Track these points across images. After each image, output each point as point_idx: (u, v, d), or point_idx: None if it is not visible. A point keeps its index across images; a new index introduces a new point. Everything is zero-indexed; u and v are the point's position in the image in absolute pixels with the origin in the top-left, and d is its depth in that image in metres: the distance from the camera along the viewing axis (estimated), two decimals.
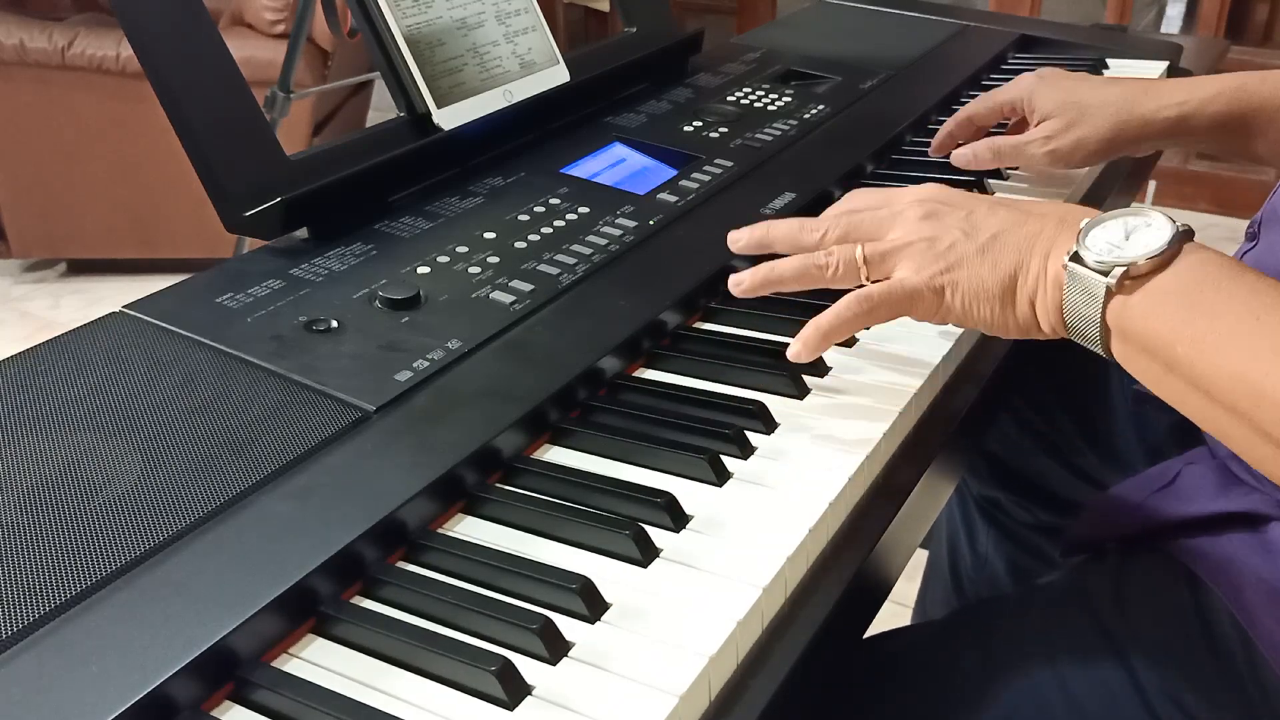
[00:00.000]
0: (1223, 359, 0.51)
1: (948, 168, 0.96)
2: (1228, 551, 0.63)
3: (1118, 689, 0.63)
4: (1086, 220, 0.57)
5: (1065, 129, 0.87)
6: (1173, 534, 0.67)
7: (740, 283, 0.64)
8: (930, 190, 0.63)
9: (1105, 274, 0.54)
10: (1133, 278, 0.54)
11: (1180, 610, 0.65)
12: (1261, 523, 0.63)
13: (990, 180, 0.94)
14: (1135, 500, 0.71)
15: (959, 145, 0.93)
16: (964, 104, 1.14)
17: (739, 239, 0.67)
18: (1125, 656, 0.64)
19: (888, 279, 0.61)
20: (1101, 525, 0.75)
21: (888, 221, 0.62)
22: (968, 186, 0.91)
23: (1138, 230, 0.55)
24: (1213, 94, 0.86)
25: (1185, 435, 0.80)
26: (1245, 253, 0.71)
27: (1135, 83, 0.90)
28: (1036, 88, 0.90)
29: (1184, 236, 0.54)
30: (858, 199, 0.66)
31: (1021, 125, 0.96)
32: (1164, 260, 0.53)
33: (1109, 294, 0.54)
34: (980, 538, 1.09)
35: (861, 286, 0.61)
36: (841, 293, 0.62)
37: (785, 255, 0.65)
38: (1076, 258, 0.55)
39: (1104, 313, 0.55)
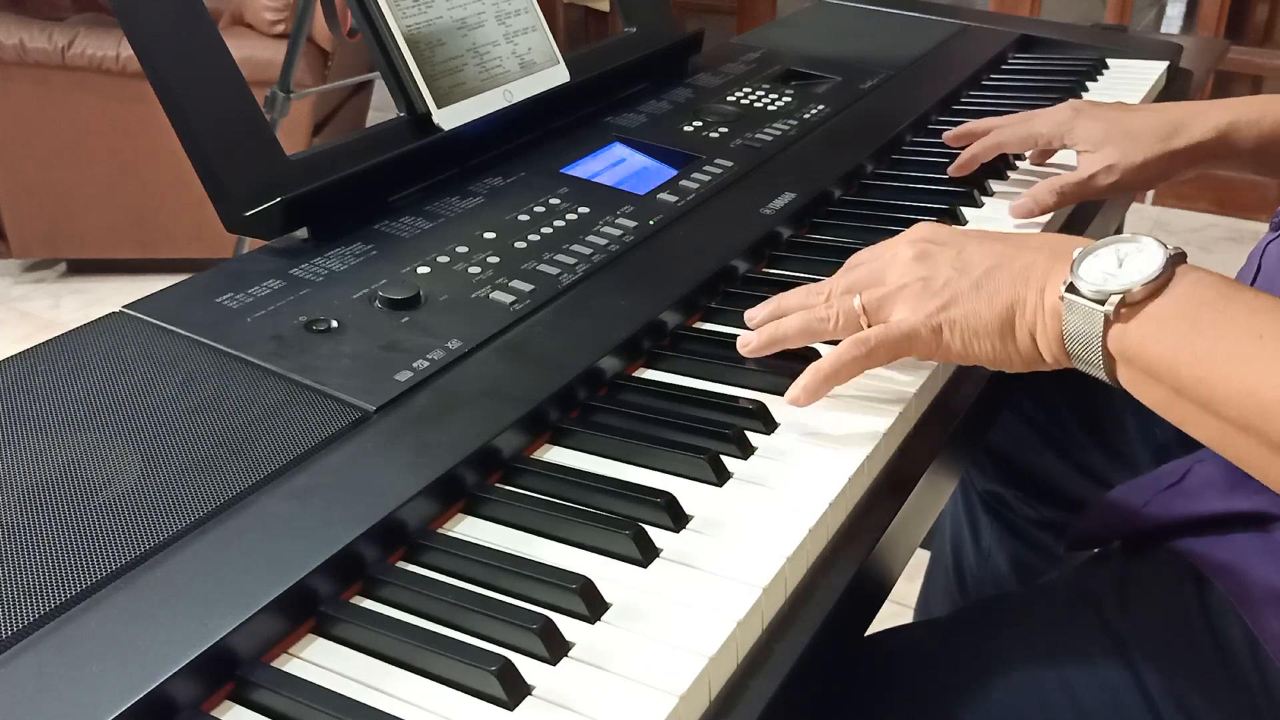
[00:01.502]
0: (1230, 378, 0.51)
1: (946, 168, 0.96)
2: (1234, 551, 0.63)
3: (1121, 688, 0.63)
4: (1079, 250, 0.57)
5: (1123, 158, 0.87)
6: (1179, 533, 0.67)
7: (748, 343, 0.66)
8: (921, 230, 0.64)
9: (1102, 302, 0.54)
10: (1129, 304, 0.54)
11: (1186, 610, 0.65)
12: (1269, 523, 0.63)
13: (984, 192, 0.94)
14: (1142, 498, 0.71)
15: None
16: (964, 104, 1.14)
17: (755, 315, 0.68)
18: (1129, 656, 0.64)
19: (880, 325, 0.62)
20: (1107, 523, 0.75)
21: (883, 269, 0.64)
22: (967, 189, 0.91)
23: (1130, 257, 0.56)
24: (1260, 112, 0.86)
25: None
26: (1269, 243, 0.71)
27: (1177, 107, 0.90)
28: (1076, 121, 0.89)
29: (1176, 260, 0.55)
30: (857, 256, 0.67)
31: (1044, 155, 0.97)
32: (1159, 285, 0.54)
33: (1108, 322, 0.55)
34: (984, 533, 1.09)
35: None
36: None
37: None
38: (1072, 288, 0.56)
39: (1105, 340, 0.55)
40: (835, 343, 0.63)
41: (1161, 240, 0.56)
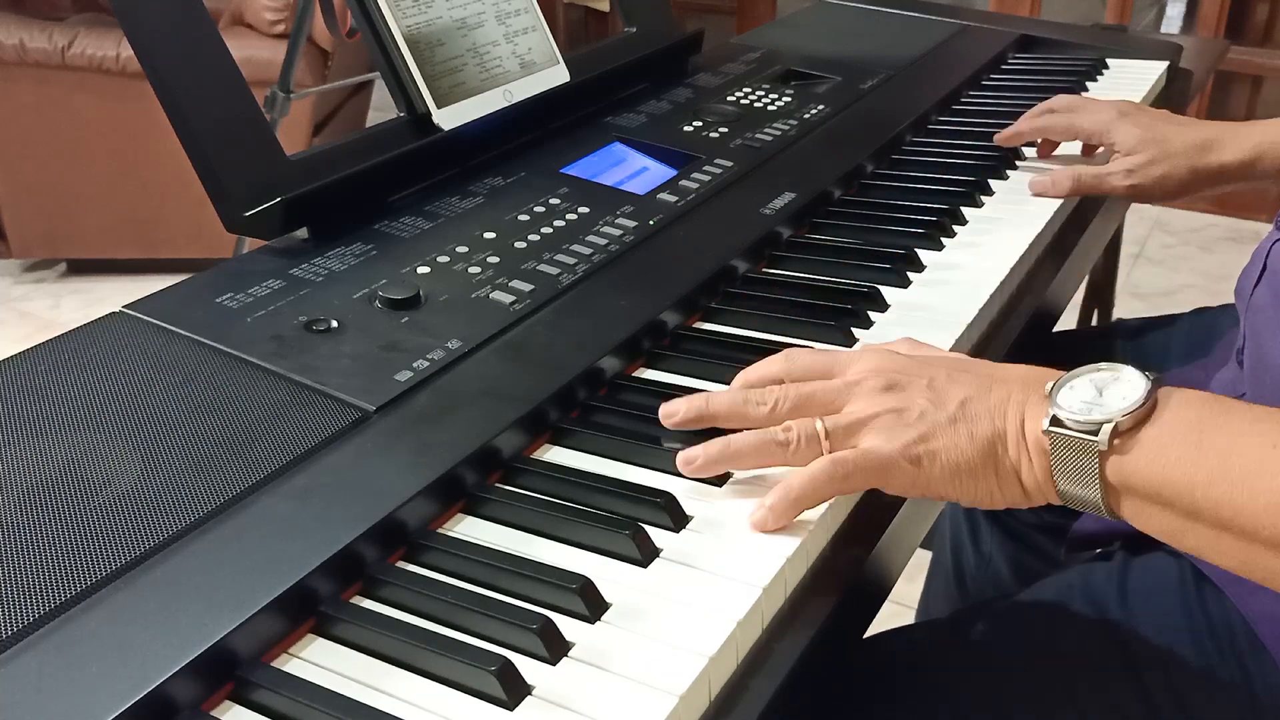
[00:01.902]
0: (1253, 493, 0.48)
1: (946, 168, 0.96)
2: None
3: (1122, 689, 0.63)
4: (1050, 384, 0.55)
5: (1148, 165, 0.90)
6: None
7: (692, 460, 0.57)
8: (881, 359, 0.59)
9: (1094, 434, 0.52)
10: (1122, 433, 0.52)
11: (1186, 610, 0.65)
12: None
13: (987, 183, 0.94)
14: None
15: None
16: (964, 104, 1.14)
17: (674, 413, 0.60)
18: (1130, 655, 0.64)
19: (855, 449, 0.57)
20: (1107, 525, 0.75)
21: (843, 394, 0.58)
22: (969, 181, 0.91)
23: (1109, 385, 0.53)
24: None
25: None
26: (1275, 243, 0.71)
27: (1212, 127, 0.92)
28: (1117, 123, 0.93)
29: (1157, 383, 0.53)
30: (799, 361, 0.61)
31: (1089, 149, 1.00)
32: (1146, 411, 0.52)
33: (1102, 454, 0.52)
34: (984, 536, 1.09)
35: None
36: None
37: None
38: (1056, 421, 0.53)
39: (1103, 472, 0.52)
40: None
41: (1137, 366, 0.54)
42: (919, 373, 0.58)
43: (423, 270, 0.72)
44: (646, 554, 0.52)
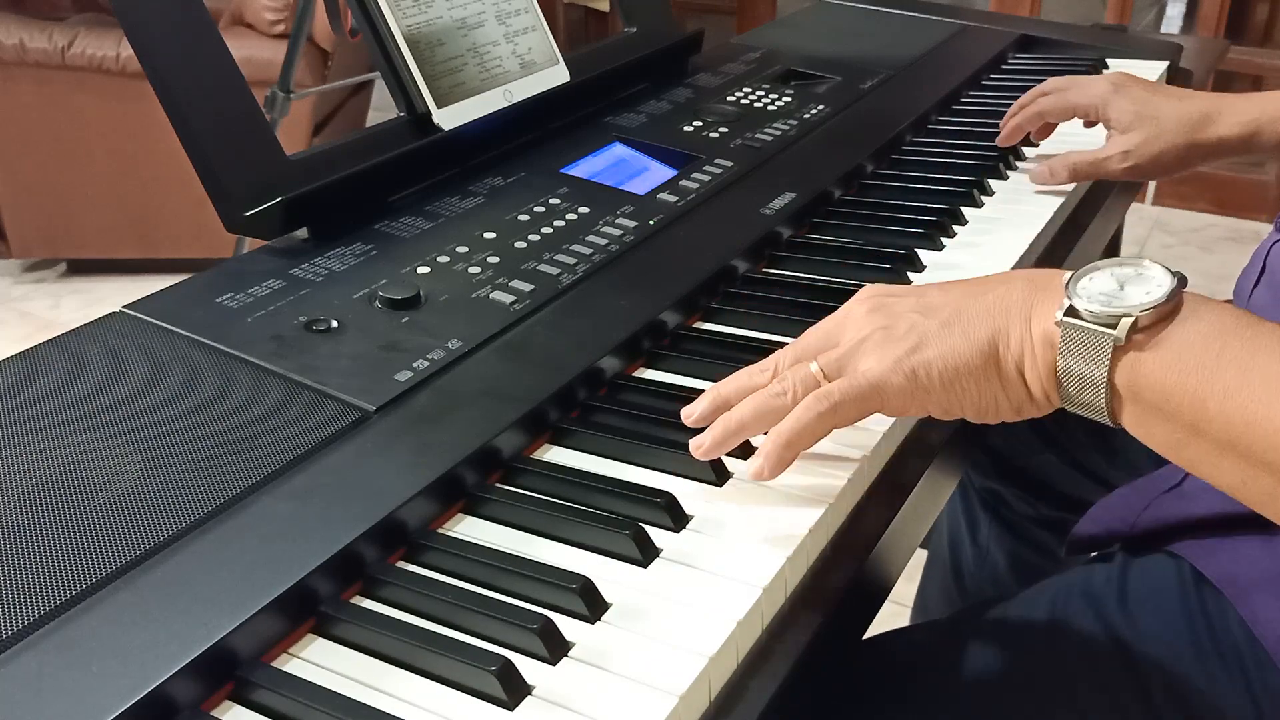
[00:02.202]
0: (1265, 412, 0.46)
1: (946, 169, 0.96)
2: (1235, 553, 0.63)
3: (1122, 690, 0.63)
4: (1069, 274, 0.52)
5: (1144, 144, 0.89)
6: (1180, 534, 0.67)
7: (700, 445, 0.57)
8: (870, 290, 0.59)
9: (1111, 327, 0.49)
10: (1142, 329, 0.49)
11: (1186, 611, 0.65)
12: (1268, 525, 0.63)
13: (986, 182, 0.94)
14: (1142, 501, 0.71)
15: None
16: (964, 104, 1.14)
17: (692, 412, 0.59)
18: (1130, 656, 0.64)
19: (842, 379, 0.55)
20: (1107, 526, 0.75)
21: (835, 330, 0.58)
22: (969, 181, 0.91)
23: (1131, 280, 0.51)
24: None
25: None
26: (1275, 244, 0.71)
27: (1208, 99, 0.91)
28: (1112, 98, 0.92)
29: (1183, 283, 0.50)
30: (802, 337, 0.60)
31: (1089, 123, 1.00)
32: (1169, 310, 0.49)
33: (1116, 349, 0.49)
34: (982, 530, 1.09)
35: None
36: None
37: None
38: (1072, 312, 0.50)
39: (1112, 371, 0.49)
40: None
41: (1163, 264, 0.51)
42: (907, 292, 0.57)
43: (423, 270, 0.72)
44: (646, 554, 0.52)
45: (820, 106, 1.05)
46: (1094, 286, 0.51)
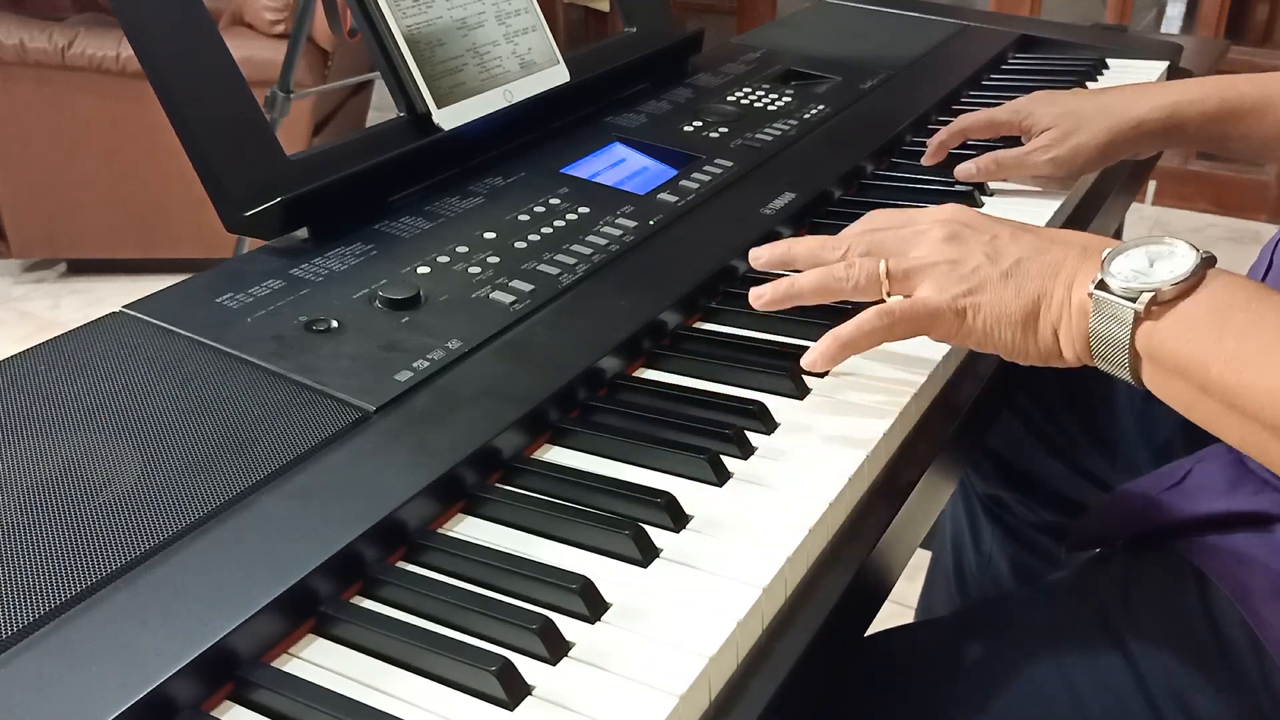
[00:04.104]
0: (1259, 376, 0.51)
1: (945, 168, 0.96)
2: (1236, 551, 0.63)
3: (1124, 688, 0.63)
4: (1109, 249, 0.58)
5: (1063, 137, 0.89)
6: (1181, 533, 0.67)
7: (761, 295, 0.64)
8: (953, 211, 0.64)
9: (1133, 300, 0.55)
10: (1160, 303, 0.54)
11: (1187, 609, 0.65)
12: (1270, 523, 0.63)
13: (983, 191, 0.94)
14: (1144, 498, 0.71)
15: (950, 155, 0.94)
16: (963, 104, 1.14)
17: (760, 256, 0.67)
18: (1131, 656, 0.64)
19: (908, 296, 0.62)
20: (1108, 523, 0.75)
21: (911, 240, 0.63)
22: (962, 198, 0.91)
23: (1161, 258, 0.56)
24: (1203, 94, 0.88)
25: (1196, 433, 0.80)
26: (1279, 243, 0.71)
27: (1128, 88, 0.92)
28: (1032, 105, 0.93)
29: (1207, 262, 0.55)
30: (878, 218, 0.66)
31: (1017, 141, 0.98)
32: (1190, 285, 0.54)
33: (1137, 319, 0.55)
34: (984, 537, 1.09)
35: (880, 302, 0.62)
36: (847, 311, 0.62)
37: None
38: (1103, 285, 0.56)
39: (1133, 338, 0.55)
40: (834, 310, 0.62)
41: (1194, 244, 0.56)
42: (984, 228, 0.62)
43: (423, 270, 0.72)
44: (646, 554, 0.52)
45: (820, 106, 1.05)
46: (1128, 263, 0.57)
